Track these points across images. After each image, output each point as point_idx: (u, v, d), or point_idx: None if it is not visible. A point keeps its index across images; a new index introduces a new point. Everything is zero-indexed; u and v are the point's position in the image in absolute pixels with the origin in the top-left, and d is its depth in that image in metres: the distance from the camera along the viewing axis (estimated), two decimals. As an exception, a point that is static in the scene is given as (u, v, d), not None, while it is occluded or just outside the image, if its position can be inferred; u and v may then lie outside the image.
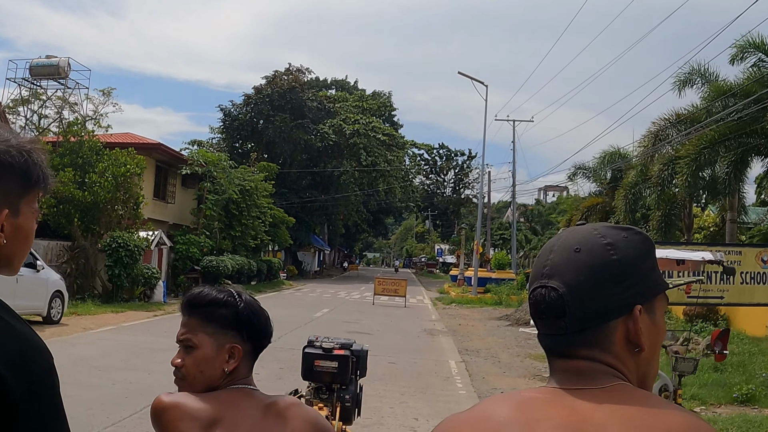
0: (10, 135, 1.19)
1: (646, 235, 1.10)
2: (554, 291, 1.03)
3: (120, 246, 18.99)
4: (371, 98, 63.20)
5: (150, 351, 11.40)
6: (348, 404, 4.22)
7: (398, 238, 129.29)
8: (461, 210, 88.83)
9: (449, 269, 70.72)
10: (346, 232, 75.58)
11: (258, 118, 49.64)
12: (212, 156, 28.90)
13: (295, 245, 51.52)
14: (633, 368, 1.05)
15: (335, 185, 51.76)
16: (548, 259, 1.07)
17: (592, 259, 1.03)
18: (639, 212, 28.58)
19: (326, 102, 53.04)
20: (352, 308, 23.84)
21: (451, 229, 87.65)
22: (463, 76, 33.24)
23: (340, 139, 50.97)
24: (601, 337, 1.02)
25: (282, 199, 46.68)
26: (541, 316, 1.05)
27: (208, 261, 26.42)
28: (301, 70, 52.98)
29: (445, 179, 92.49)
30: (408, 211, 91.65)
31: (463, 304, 29.01)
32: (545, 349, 1.09)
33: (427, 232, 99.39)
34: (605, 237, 1.05)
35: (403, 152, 60.96)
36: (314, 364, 4.25)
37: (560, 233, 1.13)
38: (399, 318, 21.12)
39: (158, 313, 18.36)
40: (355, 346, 4.39)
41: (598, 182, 36.50)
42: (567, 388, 1.02)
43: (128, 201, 19.90)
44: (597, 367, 1.02)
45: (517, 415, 0.99)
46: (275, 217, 35.83)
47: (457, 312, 25.22)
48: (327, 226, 63.47)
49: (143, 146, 27.56)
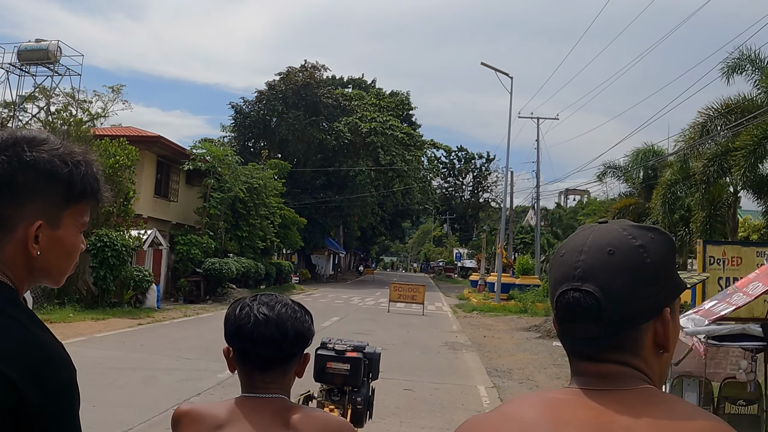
0: (60, 143, 1.19)
1: (669, 236, 1.08)
2: (590, 295, 1.00)
3: (106, 245, 17.04)
4: (389, 97, 61.13)
5: (112, 372, 9.39)
6: (359, 407, 4.18)
7: (415, 242, 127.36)
8: (480, 214, 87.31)
9: (468, 274, 68.55)
10: (362, 235, 73.54)
11: (270, 116, 47.69)
12: (217, 150, 26.89)
13: (308, 248, 49.52)
14: (656, 370, 1.05)
15: (350, 186, 49.54)
16: (579, 260, 1.03)
17: (627, 262, 1.01)
18: (677, 213, 26.22)
19: (342, 99, 51.00)
20: (365, 316, 21.69)
21: (470, 233, 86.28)
22: (487, 67, 31.06)
23: (356, 138, 48.81)
24: (632, 341, 1.02)
25: (295, 200, 44.73)
26: (573, 319, 1.02)
27: (211, 263, 24.42)
28: (316, 66, 50.87)
29: (463, 182, 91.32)
30: (426, 215, 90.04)
31: (485, 312, 26.80)
32: (571, 353, 1.06)
33: (445, 236, 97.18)
34: (636, 239, 1.03)
35: (421, 152, 58.63)
36: (326, 366, 4.17)
37: (583, 231, 1.08)
38: (416, 328, 18.98)
39: (145, 321, 16.38)
40: (367, 348, 4.32)
41: (630, 182, 34.12)
42: (592, 389, 1.00)
43: (117, 196, 17.95)
44: (625, 370, 1.01)
45: (544, 416, 0.98)
46: (285, 218, 33.76)
47: (480, 321, 23.02)
48: (342, 229, 61.41)
49: (142, 139, 25.66)
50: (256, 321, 1.52)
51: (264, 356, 1.53)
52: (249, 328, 1.52)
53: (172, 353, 11.65)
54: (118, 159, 17.76)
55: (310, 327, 1.59)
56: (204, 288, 24.77)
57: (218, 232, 27.42)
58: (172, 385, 9.00)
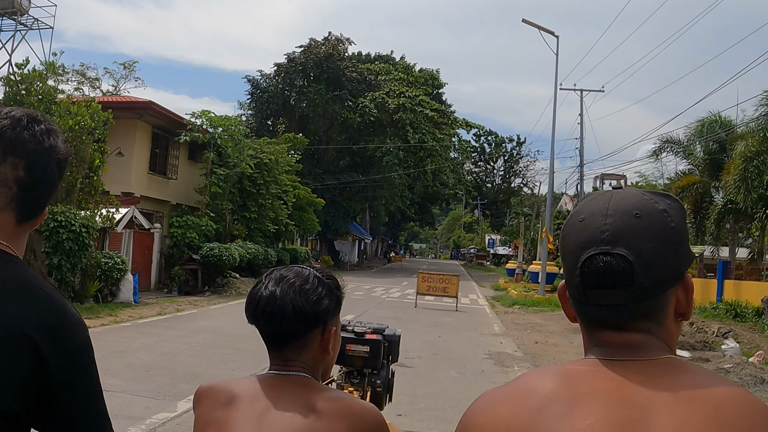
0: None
1: (681, 204, 1.06)
2: (623, 259, 0.96)
3: (60, 226, 13.61)
4: (417, 72, 57.13)
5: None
6: (379, 389, 3.80)
7: (445, 229, 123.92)
8: (511, 199, 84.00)
9: (502, 261, 64.66)
10: (390, 221, 69.94)
11: (290, 91, 44.03)
12: (218, 119, 23.31)
13: (330, 233, 46.02)
14: (676, 339, 1.04)
15: (377, 166, 45.63)
16: (605, 223, 0.99)
17: (654, 225, 0.99)
18: (755, 192, 22.07)
19: (367, 74, 47.12)
20: (388, 313, 17.96)
21: (501, 219, 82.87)
22: (529, 25, 26.97)
23: (383, 115, 44.86)
24: (659, 308, 1.00)
25: (317, 181, 41.19)
26: (602, 285, 0.98)
27: (209, 249, 20.97)
28: (340, 39, 46.86)
29: (494, 167, 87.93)
30: (455, 201, 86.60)
31: (528, 307, 22.98)
32: (592, 321, 1.02)
33: (476, 222, 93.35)
34: (658, 203, 1.01)
35: (453, 131, 54.45)
36: (346, 348, 3.68)
37: (601, 195, 1.05)
38: (450, 330, 15.31)
39: (108, 320, 12.91)
40: (387, 330, 3.83)
41: (692, 158, 29.84)
42: (613, 359, 0.98)
43: (80, 166, 14.51)
44: (650, 340, 0.99)
45: (563, 388, 0.96)
46: (301, 198, 30.09)
47: (525, 319, 19.24)
48: (369, 213, 57.79)
49: (131, 106, 22.32)
50: (260, 297, 1.47)
51: (268, 333, 1.48)
52: (254, 304, 1.48)
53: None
54: (79, 120, 14.27)
55: (318, 301, 1.47)
56: (202, 277, 21.37)
57: (222, 214, 23.99)
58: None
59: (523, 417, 0.94)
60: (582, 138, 42.63)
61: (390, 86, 47.58)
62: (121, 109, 22.13)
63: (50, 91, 15.55)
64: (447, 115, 51.47)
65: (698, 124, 27.78)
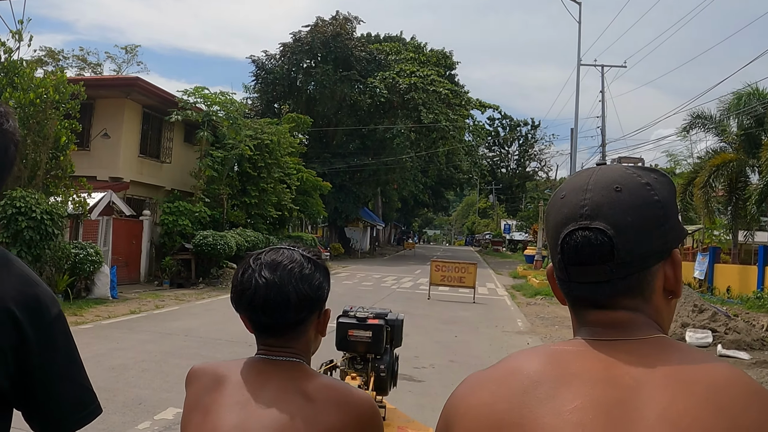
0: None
1: (669, 178, 1.03)
2: (601, 233, 0.93)
3: (20, 213, 11.85)
4: (429, 52, 54.96)
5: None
6: (383, 374, 3.96)
7: (459, 215, 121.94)
8: (527, 184, 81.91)
9: (518, 247, 62.66)
10: (404, 206, 68.06)
11: (296, 72, 42.06)
12: (212, 97, 21.44)
13: (341, 219, 44.19)
14: (666, 317, 1.00)
15: (388, 149, 43.60)
16: (585, 198, 0.96)
17: (636, 199, 0.95)
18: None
19: (377, 53, 45.01)
20: (397, 307, 16.07)
21: (516, 204, 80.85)
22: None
23: (394, 96, 42.77)
24: (645, 284, 0.96)
25: (325, 166, 39.31)
26: (583, 261, 0.95)
27: (202, 237, 19.20)
28: (348, 18, 44.73)
29: (509, 152, 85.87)
30: (470, 186, 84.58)
31: (552, 297, 21.00)
32: (576, 300, 0.99)
33: (491, 207, 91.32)
34: (641, 177, 0.98)
35: (467, 112, 52.18)
36: (348, 334, 3.95)
37: (584, 172, 1.03)
38: (468, 327, 13.48)
39: (74, 319, 11.15)
40: (389, 315, 4.05)
41: (725, 134, 27.60)
42: (601, 339, 0.94)
43: (43, 145, 12.72)
44: (638, 318, 0.95)
45: (550, 369, 0.92)
46: (305, 181, 28.20)
47: (550, 312, 17.40)
48: (381, 199, 55.89)
49: (116, 83, 20.58)
50: (256, 286, 1.35)
51: (267, 323, 1.38)
52: (249, 294, 1.36)
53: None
54: (41, 93, 12.47)
55: (320, 285, 1.39)
56: (195, 268, 19.63)
57: (219, 199, 22.22)
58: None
59: (507, 400, 0.91)
60: (603, 116, 40.50)
61: (401, 66, 45.48)
62: (106, 86, 20.39)
63: (15, 64, 13.79)
64: (461, 96, 49.29)
65: (734, 97, 25.65)
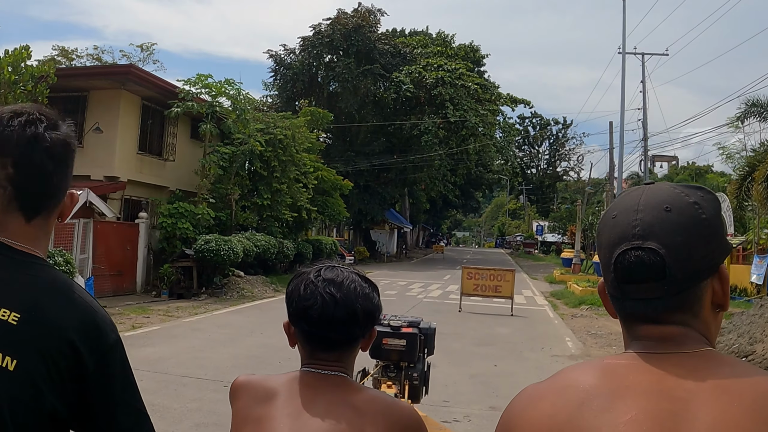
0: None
1: (715, 195, 1.06)
2: (654, 253, 0.97)
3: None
4: (456, 47, 52.54)
5: None
6: (416, 382, 4.03)
7: (488, 216, 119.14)
8: (558, 184, 78.98)
9: (551, 249, 59.85)
10: (432, 207, 65.62)
11: (317, 67, 39.97)
12: (217, 87, 19.35)
13: (366, 221, 41.99)
14: (714, 331, 1.02)
15: (415, 148, 41.21)
16: (636, 219, 1.00)
17: (685, 219, 0.99)
18: None
19: (402, 47, 42.74)
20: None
21: (547, 205, 77.88)
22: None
23: (420, 91, 40.41)
24: (694, 299, 0.99)
25: (348, 165, 37.14)
26: (636, 280, 0.98)
27: (204, 242, 17.10)
28: (371, 10, 42.52)
29: (539, 151, 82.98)
30: (499, 187, 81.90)
31: (599, 308, 18.57)
32: (629, 316, 1.02)
33: (522, 208, 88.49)
34: (689, 196, 1.01)
35: (497, 108, 49.56)
36: (382, 343, 4.02)
37: (633, 192, 1.06)
38: (508, 351, 11.15)
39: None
40: (422, 323, 4.15)
41: (787, 125, 24.63)
42: (653, 352, 0.97)
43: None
44: (687, 332, 0.99)
45: (604, 382, 0.95)
46: (324, 180, 25.99)
47: (601, 327, 14.95)
48: (408, 200, 53.58)
49: (109, 72, 18.62)
50: (323, 302, 1.36)
51: (325, 337, 1.39)
52: (316, 310, 1.37)
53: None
54: (-5, 70, 10.43)
55: (378, 304, 1.44)
56: (198, 277, 17.55)
57: (226, 200, 20.14)
58: None
59: (565, 412, 0.94)
60: (645, 108, 37.75)
61: (427, 60, 43.15)
62: (98, 76, 18.42)
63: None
64: (490, 90, 46.77)
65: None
